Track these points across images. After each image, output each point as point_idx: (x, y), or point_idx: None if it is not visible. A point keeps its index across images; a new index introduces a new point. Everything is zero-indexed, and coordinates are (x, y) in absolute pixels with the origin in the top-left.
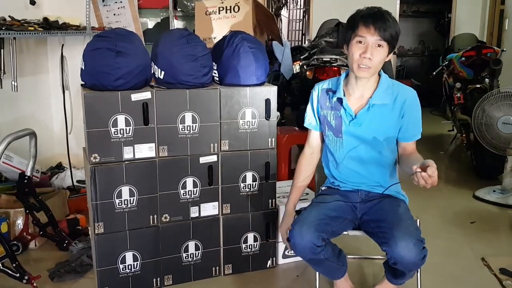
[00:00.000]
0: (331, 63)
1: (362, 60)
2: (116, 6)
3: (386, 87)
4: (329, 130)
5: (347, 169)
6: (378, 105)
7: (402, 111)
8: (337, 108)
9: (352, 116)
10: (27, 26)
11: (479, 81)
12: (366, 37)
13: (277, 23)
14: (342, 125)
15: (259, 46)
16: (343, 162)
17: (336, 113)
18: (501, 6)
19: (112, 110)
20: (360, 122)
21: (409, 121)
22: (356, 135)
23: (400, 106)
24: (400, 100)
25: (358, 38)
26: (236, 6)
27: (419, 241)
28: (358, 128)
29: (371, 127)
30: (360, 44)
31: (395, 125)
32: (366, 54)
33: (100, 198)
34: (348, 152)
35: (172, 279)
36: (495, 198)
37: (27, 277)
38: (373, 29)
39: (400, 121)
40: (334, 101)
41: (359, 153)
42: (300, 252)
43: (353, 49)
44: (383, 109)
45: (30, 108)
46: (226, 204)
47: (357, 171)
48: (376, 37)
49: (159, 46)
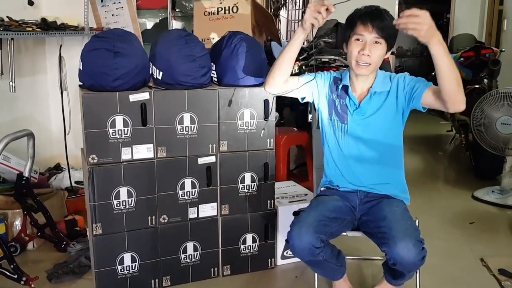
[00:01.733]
0: (329, 63)
1: (360, 57)
2: (114, 7)
3: (383, 77)
4: (336, 115)
5: (350, 161)
6: (379, 93)
7: (399, 86)
8: (343, 96)
9: (356, 104)
10: (25, 27)
11: (478, 82)
12: (364, 34)
13: (276, 23)
14: (347, 113)
15: (257, 46)
16: (348, 153)
17: (342, 101)
18: (499, 7)
19: (110, 111)
20: (364, 111)
21: (409, 84)
22: (360, 124)
23: (396, 84)
24: (395, 81)
25: (357, 36)
26: (235, 7)
27: (419, 242)
28: (361, 118)
29: (374, 118)
30: (358, 41)
31: (398, 108)
32: (364, 51)
33: (98, 199)
34: (352, 142)
35: (171, 280)
36: (494, 199)
37: (25, 279)
38: (370, 27)
39: (402, 100)
40: (340, 89)
41: (361, 148)
42: (298, 254)
43: (352, 47)
44: (384, 96)
45: (28, 108)
46: (224, 205)
47: (359, 164)
48: (374, 34)
49: (158, 47)
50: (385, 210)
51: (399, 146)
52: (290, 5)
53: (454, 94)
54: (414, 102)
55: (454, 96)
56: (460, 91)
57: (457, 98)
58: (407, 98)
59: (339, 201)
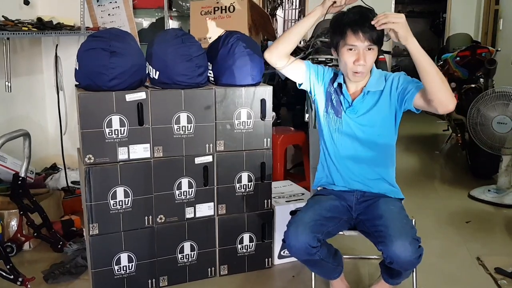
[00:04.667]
0: (326, 63)
1: (356, 68)
2: (110, 6)
3: (378, 76)
4: (331, 108)
5: (345, 159)
6: (372, 92)
7: (393, 85)
8: (337, 93)
9: (349, 102)
10: (21, 26)
11: (474, 81)
12: (356, 45)
13: (273, 23)
14: (341, 109)
15: (254, 46)
16: (342, 150)
17: (336, 97)
18: (495, 6)
19: (107, 111)
20: (356, 110)
21: (403, 84)
22: (353, 123)
23: (390, 83)
24: (389, 80)
25: (349, 46)
26: (232, 6)
27: (415, 240)
28: (354, 116)
29: (367, 117)
30: (351, 51)
31: (391, 107)
32: (360, 62)
33: (95, 199)
34: (347, 141)
35: (168, 280)
36: (490, 198)
37: (21, 279)
38: (362, 37)
39: (395, 100)
40: (335, 86)
41: (355, 146)
42: (295, 254)
43: (345, 57)
44: (377, 95)
45: (24, 108)
46: (221, 204)
47: (354, 162)
48: (366, 43)
49: (154, 46)
50: (381, 209)
51: (391, 144)
52: (286, 4)
53: (438, 91)
54: (407, 104)
55: (439, 94)
56: (444, 89)
57: (442, 96)
58: (400, 100)
59: (335, 201)
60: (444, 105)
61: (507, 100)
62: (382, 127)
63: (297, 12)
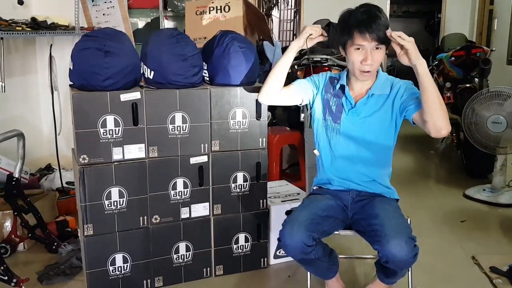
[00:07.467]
0: (321, 62)
1: (364, 67)
2: (105, 6)
3: (385, 79)
4: (329, 114)
5: (340, 160)
6: (377, 95)
7: (398, 93)
8: (339, 95)
9: (352, 104)
10: (15, 26)
11: (468, 81)
12: (364, 45)
13: (268, 23)
14: (342, 112)
15: (249, 46)
16: (338, 152)
17: (338, 100)
18: (490, 6)
19: (101, 111)
20: (359, 112)
21: (408, 95)
22: (354, 124)
23: (396, 90)
24: (396, 87)
25: (356, 46)
26: (227, 6)
27: (411, 239)
28: (356, 118)
29: (369, 119)
30: (358, 51)
31: (393, 114)
32: (367, 62)
33: (89, 200)
34: (343, 142)
35: (163, 280)
36: (485, 197)
37: (15, 280)
38: (369, 38)
39: (397, 108)
40: (337, 89)
41: (352, 147)
42: (290, 252)
43: (353, 57)
44: (382, 99)
45: (18, 109)
46: (217, 204)
47: (350, 163)
48: (374, 43)
49: (149, 46)
50: (377, 208)
51: (390, 146)
52: (282, 4)
53: (435, 113)
54: (407, 114)
55: (434, 115)
56: (441, 113)
57: (437, 119)
58: (401, 110)
59: (331, 200)
60: (437, 129)
61: (502, 99)
62: (382, 131)
63: (293, 12)
